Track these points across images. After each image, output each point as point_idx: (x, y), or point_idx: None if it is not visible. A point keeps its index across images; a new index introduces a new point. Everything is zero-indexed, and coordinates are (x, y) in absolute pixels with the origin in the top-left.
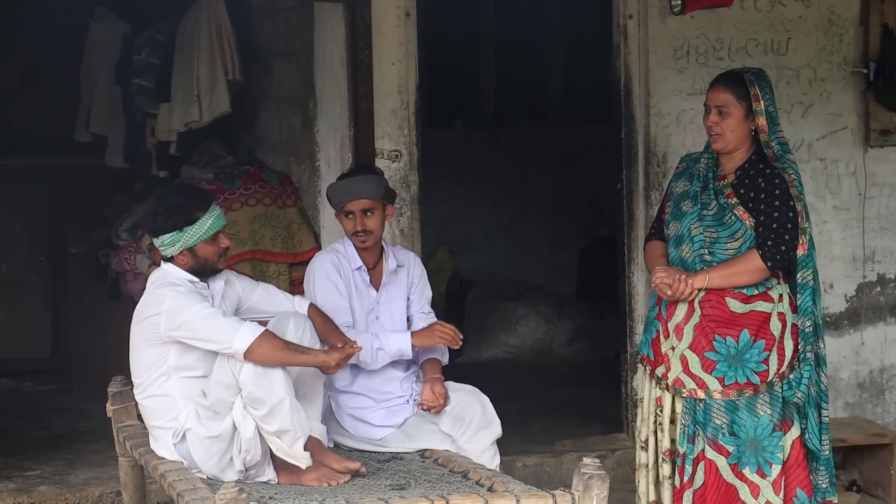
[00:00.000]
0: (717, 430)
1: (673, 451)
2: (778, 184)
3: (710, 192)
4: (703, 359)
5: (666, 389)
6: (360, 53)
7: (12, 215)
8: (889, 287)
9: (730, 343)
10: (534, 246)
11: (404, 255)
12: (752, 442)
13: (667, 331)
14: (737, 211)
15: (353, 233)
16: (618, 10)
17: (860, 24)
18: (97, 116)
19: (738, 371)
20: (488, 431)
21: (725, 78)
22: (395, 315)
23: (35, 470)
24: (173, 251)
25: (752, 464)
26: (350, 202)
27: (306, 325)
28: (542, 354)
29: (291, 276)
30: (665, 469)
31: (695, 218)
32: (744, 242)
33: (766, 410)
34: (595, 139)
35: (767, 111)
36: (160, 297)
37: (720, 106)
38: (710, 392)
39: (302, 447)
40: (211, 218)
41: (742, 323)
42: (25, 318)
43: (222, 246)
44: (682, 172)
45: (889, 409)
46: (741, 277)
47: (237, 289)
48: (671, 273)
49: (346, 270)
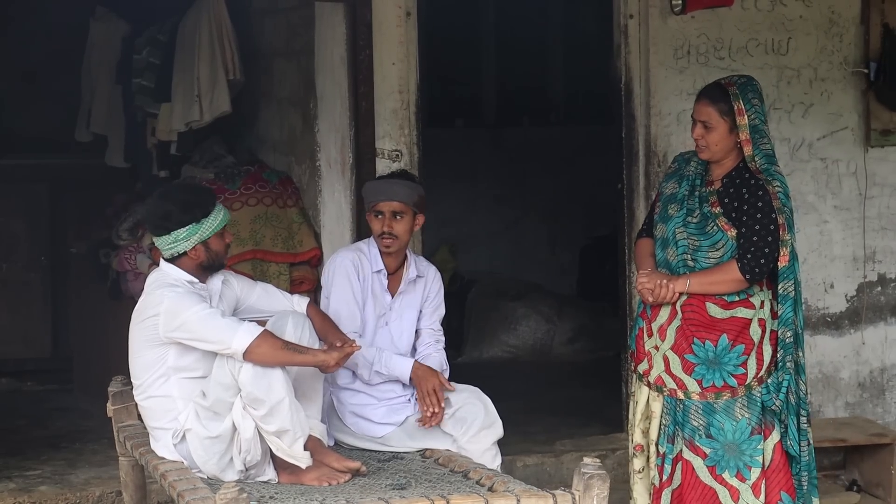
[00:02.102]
0: (695, 431)
1: (645, 445)
2: (761, 195)
3: (695, 199)
4: (684, 360)
5: (647, 386)
6: (360, 53)
7: (12, 215)
8: (889, 287)
9: (708, 347)
10: (534, 246)
11: (426, 268)
12: (730, 446)
13: (650, 330)
14: (719, 221)
15: (379, 234)
16: (618, 9)
17: (861, 24)
18: (97, 116)
19: (716, 374)
20: (490, 432)
21: (710, 91)
22: (404, 324)
23: (35, 470)
24: (187, 246)
25: (732, 467)
26: (382, 202)
27: (305, 324)
28: (543, 354)
29: (292, 276)
30: (636, 463)
31: (679, 223)
32: (725, 252)
33: (744, 414)
34: (595, 139)
35: (752, 125)
36: (159, 298)
37: (704, 121)
38: (689, 393)
39: (302, 447)
40: (221, 211)
41: (721, 328)
42: (26, 317)
43: (227, 241)
44: (674, 173)
45: (889, 409)
46: (720, 286)
47: (235, 289)
48: (653, 278)
49: (365, 271)
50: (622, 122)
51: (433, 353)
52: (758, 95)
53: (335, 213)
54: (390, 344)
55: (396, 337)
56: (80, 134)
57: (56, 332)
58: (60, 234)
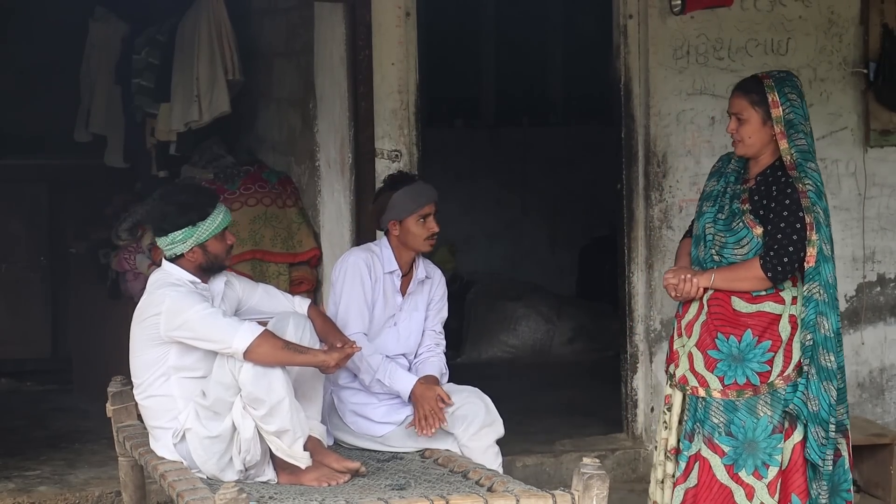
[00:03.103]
0: (715, 428)
1: (678, 449)
2: (789, 193)
3: (727, 195)
4: (707, 357)
5: (675, 386)
6: (360, 53)
7: (12, 215)
8: (889, 287)
9: (732, 342)
10: (534, 246)
11: (432, 269)
12: (749, 443)
13: (680, 329)
14: (745, 218)
15: (429, 235)
16: (618, 9)
17: (860, 24)
18: (97, 116)
19: (738, 371)
20: (491, 430)
21: (743, 84)
22: (412, 325)
23: (35, 470)
24: (184, 248)
25: (749, 465)
26: (429, 204)
27: (306, 325)
28: (542, 354)
29: (291, 276)
30: (668, 467)
31: (710, 219)
32: (750, 250)
33: (766, 412)
34: (595, 139)
35: (787, 119)
36: (160, 298)
37: (737, 113)
38: (710, 391)
39: (301, 447)
40: (221, 213)
41: (746, 323)
42: (25, 317)
43: (229, 242)
44: (716, 172)
45: (889, 409)
46: (742, 283)
47: (237, 290)
48: (677, 273)
49: (377, 272)
50: (621, 123)
51: (433, 358)
52: (796, 91)
53: (334, 213)
54: (397, 344)
55: (404, 337)
56: (79, 134)
57: (55, 332)
58: (60, 235)
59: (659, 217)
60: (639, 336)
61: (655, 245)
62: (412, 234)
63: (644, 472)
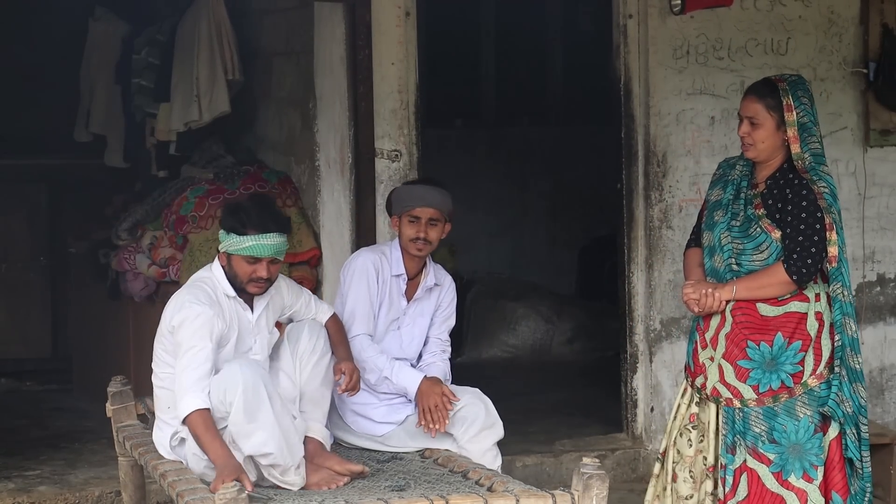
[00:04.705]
0: (757, 438)
1: (716, 466)
2: (805, 195)
3: (740, 202)
4: (737, 367)
5: (707, 399)
6: (359, 53)
7: (12, 215)
8: (889, 287)
9: (764, 348)
10: (534, 246)
11: (443, 277)
12: (794, 447)
13: (704, 341)
14: (763, 223)
15: (413, 238)
16: (617, 9)
17: (860, 24)
18: (97, 116)
19: (773, 376)
20: (491, 432)
21: (757, 87)
22: (416, 330)
23: (35, 470)
24: (219, 247)
25: (798, 469)
26: (420, 207)
27: (321, 332)
28: (542, 354)
29: (291, 276)
30: (707, 485)
31: (724, 227)
32: (770, 255)
33: (805, 412)
34: (594, 139)
35: (801, 123)
36: (189, 306)
37: (751, 116)
38: (746, 401)
39: (293, 475)
40: (255, 241)
41: (775, 326)
42: (25, 318)
43: (258, 274)
44: (718, 179)
45: (889, 409)
46: (767, 290)
47: (284, 297)
48: (698, 288)
49: (384, 274)
50: (621, 122)
51: (437, 362)
52: (808, 94)
53: (334, 213)
54: (399, 349)
55: (406, 343)
56: (79, 134)
57: (55, 332)
58: (60, 235)
59: (659, 217)
60: (639, 336)
61: (655, 245)
62: (402, 232)
63: (644, 471)
